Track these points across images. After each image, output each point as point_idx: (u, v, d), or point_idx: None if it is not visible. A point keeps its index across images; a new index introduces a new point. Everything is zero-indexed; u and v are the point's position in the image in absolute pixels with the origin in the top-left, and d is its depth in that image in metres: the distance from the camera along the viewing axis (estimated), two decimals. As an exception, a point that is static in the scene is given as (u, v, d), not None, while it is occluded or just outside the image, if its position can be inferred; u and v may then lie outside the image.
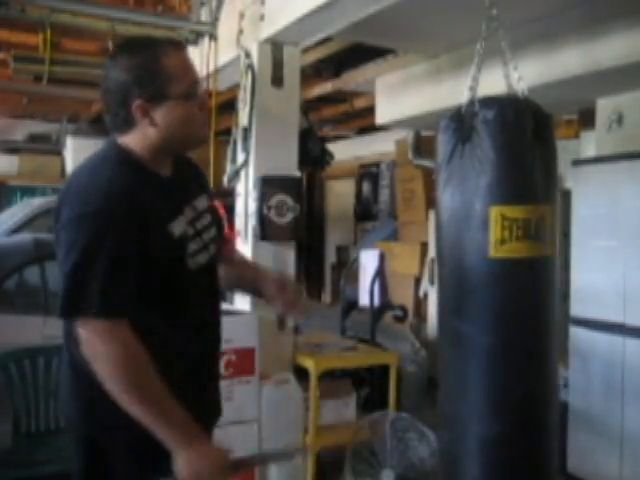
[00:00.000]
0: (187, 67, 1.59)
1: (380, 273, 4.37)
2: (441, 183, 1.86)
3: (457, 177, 1.80)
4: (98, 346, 1.43)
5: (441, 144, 1.86)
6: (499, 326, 1.78)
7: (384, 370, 3.61)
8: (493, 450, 1.81)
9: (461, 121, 1.81)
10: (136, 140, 1.56)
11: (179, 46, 1.63)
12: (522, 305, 1.81)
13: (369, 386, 3.93)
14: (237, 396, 3.05)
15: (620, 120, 4.00)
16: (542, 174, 1.81)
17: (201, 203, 1.69)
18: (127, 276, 1.46)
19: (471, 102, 1.83)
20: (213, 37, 3.89)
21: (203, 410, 1.62)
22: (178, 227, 1.56)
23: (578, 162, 3.98)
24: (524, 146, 1.79)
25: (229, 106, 3.56)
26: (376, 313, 4.36)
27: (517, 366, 1.81)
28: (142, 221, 1.48)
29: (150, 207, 1.52)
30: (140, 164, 1.57)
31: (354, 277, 4.85)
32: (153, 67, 1.51)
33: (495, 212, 1.74)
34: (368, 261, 4.49)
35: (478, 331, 1.77)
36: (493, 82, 1.94)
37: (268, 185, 3.36)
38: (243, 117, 3.42)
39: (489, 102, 1.82)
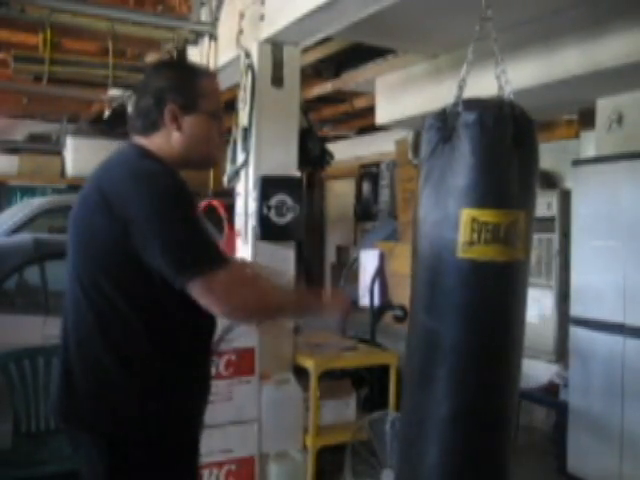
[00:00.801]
0: (217, 92, 1.77)
1: (380, 273, 4.37)
2: (421, 180, 1.88)
3: (435, 176, 1.82)
4: (236, 293, 1.54)
5: (424, 142, 1.87)
6: (463, 324, 1.81)
7: (384, 370, 3.61)
8: (450, 435, 1.84)
9: (444, 121, 1.82)
10: (159, 143, 1.66)
11: (214, 74, 1.84)
12: (486, 306, 1.82)
13: (369, 386, 3.93)
14: (237, 396, 3.05)
15: (620, 120, 4.00)
16: (519, 179, 1.80)
17: None
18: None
19: (456, 103, 1.84)
20: (213, 37, 3.89)
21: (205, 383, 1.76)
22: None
23: (578, 162, 3.99)
24: (502, 151, 1.79)
25: (229, 106, 3.56)
26: (376, 313, 4.36)
27: (476, 365, 1.84)
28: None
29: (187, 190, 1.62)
30: (161, 160, 1.64)
31: (354, 277, 4.85)
32: (190, 81, 1.69)
33: (466, 214, 1.75)
34: (368, 261, 4.50)
35: (444, 327, 1.81)
36: (488, 83, 1.94)
37: (268, 185, 3.36)
38: (243, 117, 3.42)
39: (472, 104, 1.81)
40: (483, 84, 1.94)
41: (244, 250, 3.44)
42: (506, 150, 1.79)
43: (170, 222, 1.50)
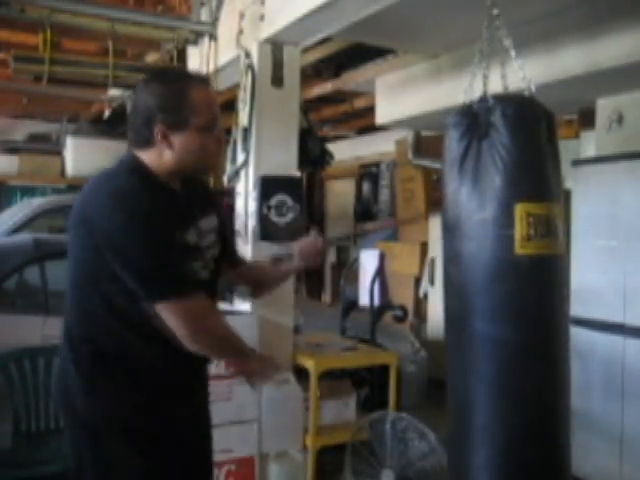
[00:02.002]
0: (210, 103, 1.71)
1: (380, 273, 4.37)
2: (453, 181, 1.82)
3: (472, 174, 1.77)
4: (193, 323, 1.59)
5: (452, 141, 1.82)
6: (524, 324, 1.76)
7: (384, 370, 3.61)
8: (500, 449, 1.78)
9: (475, 117, 1.79)
10: (152, 158, 1.68)
11: (206, 82, 1.79)
12: (546, 303, 1.78)
13: (369, 386, 3.93)
14: (237, 396, 3.05)
15: (620, 120, 4.00)
16: (555, 172, 1.81)
17: (205, 223, 1.79)
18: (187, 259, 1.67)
19: (483, 98, 1.82)
20: (213, 37, 3.90)
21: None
22: (192, 237, 1.71)
23: (578, 162, 3.98)
24: (541, 144, 1.78)
25: (229, 106, 3.56)
26: (376, 313, 4.36)
27: (544, 364, 1.79)
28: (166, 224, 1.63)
29: (166, 214, 1.62)
30: (151, 175, 1.68)
31: (354, 277, 4.85)
32: (179, 97, 1.64)
33: (520, 209, 1.72)
34: (368, 261, 4.49)
35: (501, 330, 1.74)
36: (491, 82, 1.93)
37: (268, 185, 3.36)
38: (243, 117, 3.42)
39: (506, 98, 1.80)
40: (478, 84, 1.93)
41: (244, 250, 3.44)
42: (544, 142, 1.78)
43: (138, 248, 1.56)
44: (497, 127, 1.74)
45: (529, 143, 1.76)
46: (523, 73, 1.89)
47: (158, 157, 1.67)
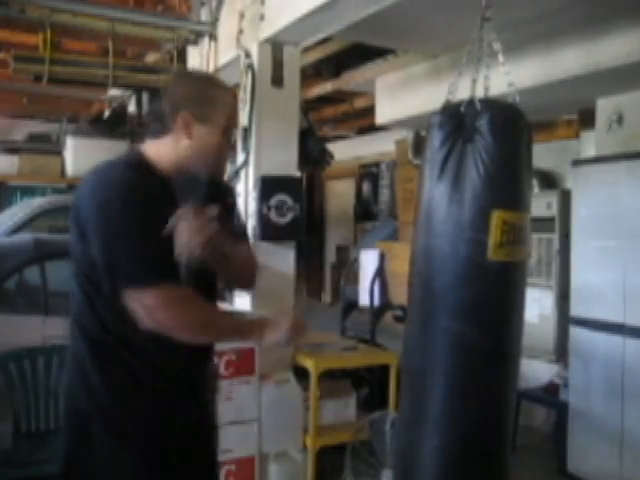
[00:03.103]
0: (234, 109, 1.79)
1: (380, 273, 4.37)
2: (432, 180, 1.84)
3: (452, 175, 1.79)
4: (169, 311, 1.56)
5: (436, 140, 1.84)
6: (486, 324, 1.81)
7: (384, 370, 3.61)
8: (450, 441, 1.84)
9: (461, 119, 1.80)
10: (165, 145, 1.68)
11: (233, 92, 1.86)
12: (508, 305, 1.85)
13: (369, 386, 3.93)
14: (237, 396, 3.05)
15: (620, 120, 4.00)
16: (528, 182, 1.86)
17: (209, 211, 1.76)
18: (159, 248, 1.57)
19: (471, 101, 1.83)
20: (213, 37, 3.90)
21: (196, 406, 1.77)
22: None
23: (578, 162, 3.98)
24: (522, 154, 1.81)
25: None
26: (376, 313, 4.36)
27: (503, 366, 1.86)
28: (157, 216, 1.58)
29: (156, 205, 1.59)
30: (150, 168, 1.67)
31: (354, 277, 4.85)
32: (209, 94, 1.70)
33: (497, 216, 1.75)
34: (368, 261, 4.49)
35: (470, 330, 1.79)
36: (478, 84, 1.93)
37: (268, 185, 3.36)
38: (243, 117, 3.42)
39: (493, 104, 1.81)
40: (464, 86, 1.93)
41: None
42: (523, 152, 1.82)
43: (114, 236, 1.55)
44: (483, 133, 1.76)
45: (512, 152, 1.79)
46: (510, 79, 1.89)
47: (172, 146, 1.67)
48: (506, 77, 1.89)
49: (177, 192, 1.68)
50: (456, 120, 1.81)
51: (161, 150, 1.68)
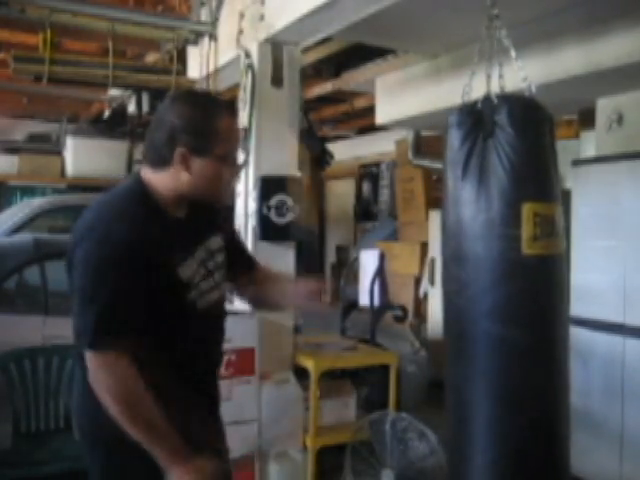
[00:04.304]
0: (234, 134, 1.74)
1: (380, 273, 4.37)
2: (456, 181, 1.81)
3: (478, 173, 1.76)
4: (100, 378, 1.54)
5: (455, 140, 1.81)
6: (529, 324, 1.76)
7: (384, 370, 3.61)
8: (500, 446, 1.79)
9: (479, 116, 1.78)
10: (167, 179, 1.65)
11: (234, 111, 1.79)
12: (550, 303, 1.79)
13: (369, 386, 3.93)
14: (237, 396, 3.05)
15: (620, 120, 4.00)
16: (555, 173, 1.82)
17: (214, 243, 1.78)
18: (129, 313, 1.55)
19: (487, 97, 1.81)
20: (213, 37, 3.90)
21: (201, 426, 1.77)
22: (187, 270, 1.66)
23: (578, 162, 3.98)
24: (546, 144, 1.79)
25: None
26: (376, 313, 4.36)
27: (553, 365, 1.80)
28: (151, 267, 1.57)
29: (160, 252, 1.60)
30: (158, 205, 1.66)
31: (354, 277, 4.86)
32: (205, 123, 1.63)
33: (527, 209, 1.71)
34: (368, 261, 4.49)
35: (511, 332, 1.74)
36: (482, 82, 1.93)
37: (268, 185, 3.36)
38: (243, 117, 3.42)
39: (511, 99, 1.80)
40: (477, 84, 1.93)
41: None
42: (547, 142, 1.79)
43: (82, 287, 1.55)
44: (503, 126, 1.73)
45: (535, 143, 1.76)
46: (524, 73, 1.88)
47: (173, 179, 1.64)
48: (520, 72, 1.88)
49: (181, 228, 1.69)
50: (474, 117, 1.79)
51: (161, 182, 1.65)
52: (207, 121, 1.63)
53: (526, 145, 1.74)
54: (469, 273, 1.78)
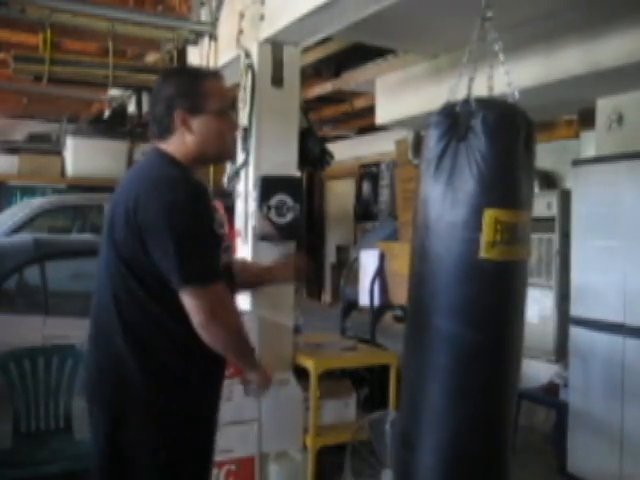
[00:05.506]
0: (223, 92, 1.90)
1: (380, 273, 4.38)
2: (428, 180, 1.85)
3: (447, 175, 1.79)
4: (218, 310, 1.68)
5: (432, 140, 1.84)
6: (482, 324, 1.80)
7: (384, 370, 3.61)
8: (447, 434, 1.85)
9: (456, 119, 1.80)
10: (174, 146, 1.81)
11: (219, 76, 1.94)
12: (505, 306, 1.84)
13: (369, 386, 3.93)
14: (237, 396, 3.04)
15: (620, 120, 4.00)
16: (527, 180, 1.84)
17: (217, 216, 1.93)
18: (218, 251, 1.78)
19: (466, 101, 1.83)
20: (213, 37, 3.90)
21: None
22: (218, 228, 1.85)
23: (578, 162, 3.98)
24: (518, 152, 1.80)
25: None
26: (376, 313, 4.37)
27: (503, 366, 1.85)
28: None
29: (202, 201, 1.76)
30: (186, 167, 1.81)
31: (354, 277, 4.86)
32: (195, 86, 1.83)
33: (489, 215, 1.75)
34: (368, 261, 4.50)
35: (465, 330, 1.79)
36: (482, 84, 1.93)
37: (268, 185, 3.36)
38: (243, 117, 3.42)
39: (488, 104, 1.81)
40: (477, 84, 1.93)
41: (244, 250, 3.44)
42: (521, 151, 1.81)
43: (177, 234, 1.65)
44: (476, 132, 1.76)
45: (505, 151, 1.78)
46: (509, 79, 1.89)
47: (181, 143, 1.80)
48: (506, 77, 1.89)
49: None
50: (451, 119, 1.81)
51: (174, 148, 1.80)
52: (196, 83, 1.83)
53: (496, 152, 1.76)
54: (429, 270, 1.85)
